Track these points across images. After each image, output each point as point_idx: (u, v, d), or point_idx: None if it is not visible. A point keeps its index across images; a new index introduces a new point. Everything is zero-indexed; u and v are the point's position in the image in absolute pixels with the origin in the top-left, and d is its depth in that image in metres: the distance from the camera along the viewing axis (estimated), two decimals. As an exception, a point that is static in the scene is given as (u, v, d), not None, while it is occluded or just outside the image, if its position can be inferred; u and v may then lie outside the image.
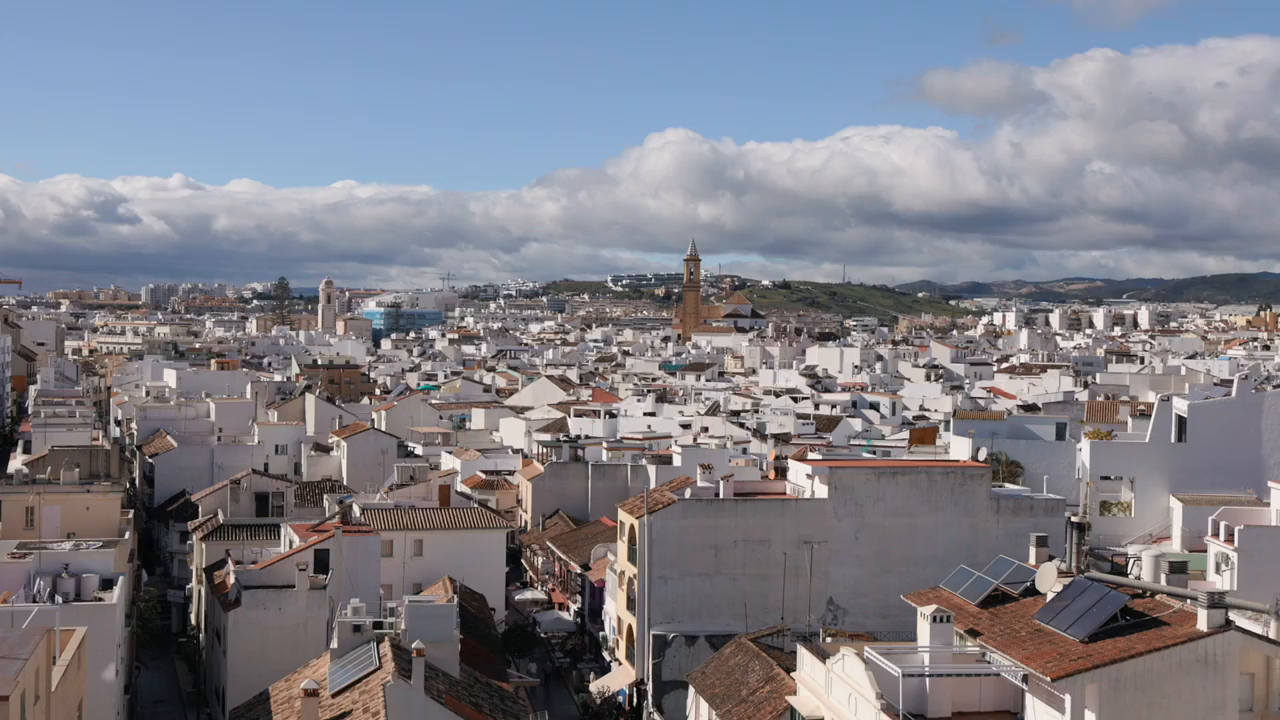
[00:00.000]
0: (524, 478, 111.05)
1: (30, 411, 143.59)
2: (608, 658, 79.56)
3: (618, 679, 74.43)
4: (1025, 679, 38.54)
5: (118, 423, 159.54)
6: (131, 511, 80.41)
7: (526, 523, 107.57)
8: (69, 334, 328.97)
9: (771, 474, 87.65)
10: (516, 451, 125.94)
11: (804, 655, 47.45)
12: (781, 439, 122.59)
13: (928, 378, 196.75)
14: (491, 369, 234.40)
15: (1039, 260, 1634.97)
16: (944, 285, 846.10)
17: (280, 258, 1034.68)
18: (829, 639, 51.12)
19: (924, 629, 42.89)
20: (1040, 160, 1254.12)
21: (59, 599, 54.01)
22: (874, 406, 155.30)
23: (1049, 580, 43.69)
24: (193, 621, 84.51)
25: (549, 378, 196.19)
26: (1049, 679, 36.46)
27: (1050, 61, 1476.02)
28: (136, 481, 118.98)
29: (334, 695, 44.96)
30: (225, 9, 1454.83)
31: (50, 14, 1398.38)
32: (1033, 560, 48.93)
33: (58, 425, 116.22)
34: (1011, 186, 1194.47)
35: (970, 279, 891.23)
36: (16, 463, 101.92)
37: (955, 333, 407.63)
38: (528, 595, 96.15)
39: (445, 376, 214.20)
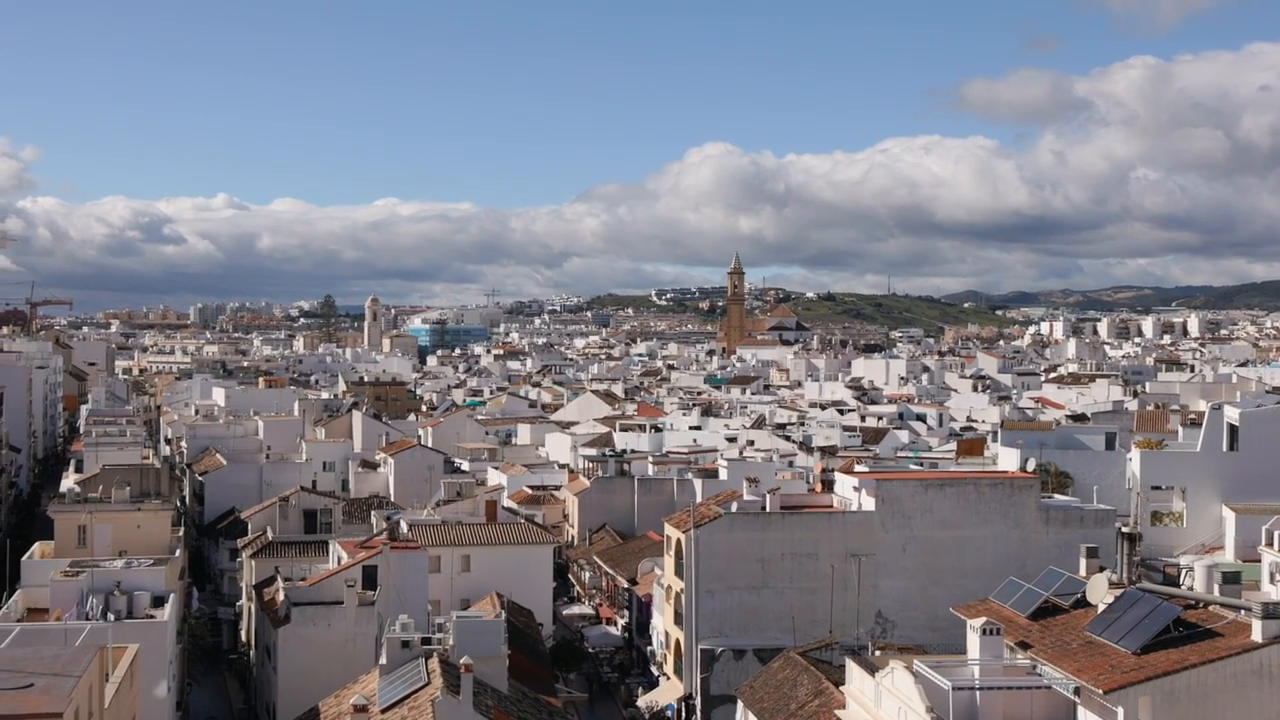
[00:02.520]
0: (570, 492, 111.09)
1: (82, 431, 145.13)
2: (655, 672, 79.41)
3: (666, 694, 74.25)
4: (1077, 692, 38.17)
5: (168, 441, 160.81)
6: (182, 529, 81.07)
7: (573, 537, 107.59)
8: (119, 354, 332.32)
9: (818, 487, 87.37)
10: (562, 466, 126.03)
11: (853, 669, 47.17)
12: (828, 451, 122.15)
13: (975, 388, 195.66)
14: (537, 384, 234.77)
15: (1085, 269, 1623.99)
16: (990, 295, 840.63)
17: (324, 276, 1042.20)
18: (878, 652, 50.77)
19: (974, 642, 42.55)
20: (1083, 168, 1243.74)
21: (111, 616, 54.42)
22: (921, 418, 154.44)
23: (1100, 592, 43.28)
24: (243, 638, 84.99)
25: (594, 392, 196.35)
26: (1101, 691, 36.10)
27: (1090, 69, 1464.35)
28: (186, 499, 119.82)
29: (383, 711, 45.07)
30: (268, 29, 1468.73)
31: (94, 38, 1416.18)
32: (1083, 572, 48.49)
33: (109, 444, 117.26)
34: (1055, 195, 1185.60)
35: (1016, 288, 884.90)
36: (69, 481, 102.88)
37: (1002, 343, 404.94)
38: (575, 610, 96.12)
39: (491, 392, 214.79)
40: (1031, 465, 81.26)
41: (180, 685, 67.35)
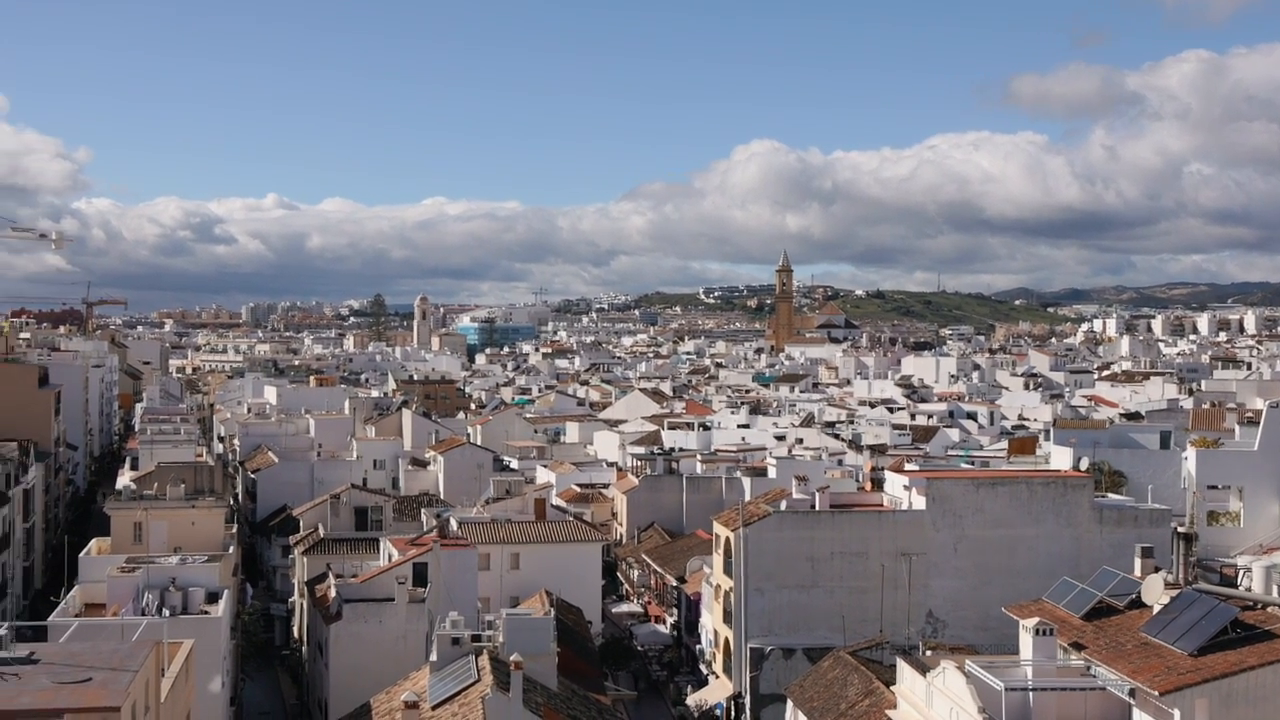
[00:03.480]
0: (619, 490, 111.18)
1: (137, 429, 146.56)
2: (705, 671, 79.37)
3: (715, 692, 74.20)
4: (1132, 693, 37.83)
5: (221, 439, 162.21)
6: (235, 526, 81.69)
7: (622, 535, 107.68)
8: (173, 353, 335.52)
9: (868, 485, 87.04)
10: (611, 464, 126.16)
11: (903, 668, 46.97)
12: (877, 450, 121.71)
13: (1026, 386, 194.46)
14: (585, 382, 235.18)
15: (1138, 265, 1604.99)
16: (1041, 292, 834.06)
17: (373, 275, 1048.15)
18: (928, 652, 50.52)
19: (1026, 642, 42.25)
20: (1135, 163, 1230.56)
21: (167, 612, 54.92)
22: (971, 416, 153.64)
23: (1155, 592, 42.87)
24: (295, 634, 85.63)
25: (642, 390, 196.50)
26: (1157, 693, 35.77)
27: (1142, 63, 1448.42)
28: (239, 496, 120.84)
29: (434, 708, 45.28)
30: (317, 28, 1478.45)
31: (146, 39, 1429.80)
32: (1138, 572, 48.08)
33: (163, 442, 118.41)
34: (1107, 190, 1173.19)
35: (1068, 285, 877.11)
36: (125, 479, 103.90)
37: (1054, 340, 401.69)
38: (624, 608, 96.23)
39: (539, 390, 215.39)
40: (1085, 464, 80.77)
41: (234, 680, 67.93)
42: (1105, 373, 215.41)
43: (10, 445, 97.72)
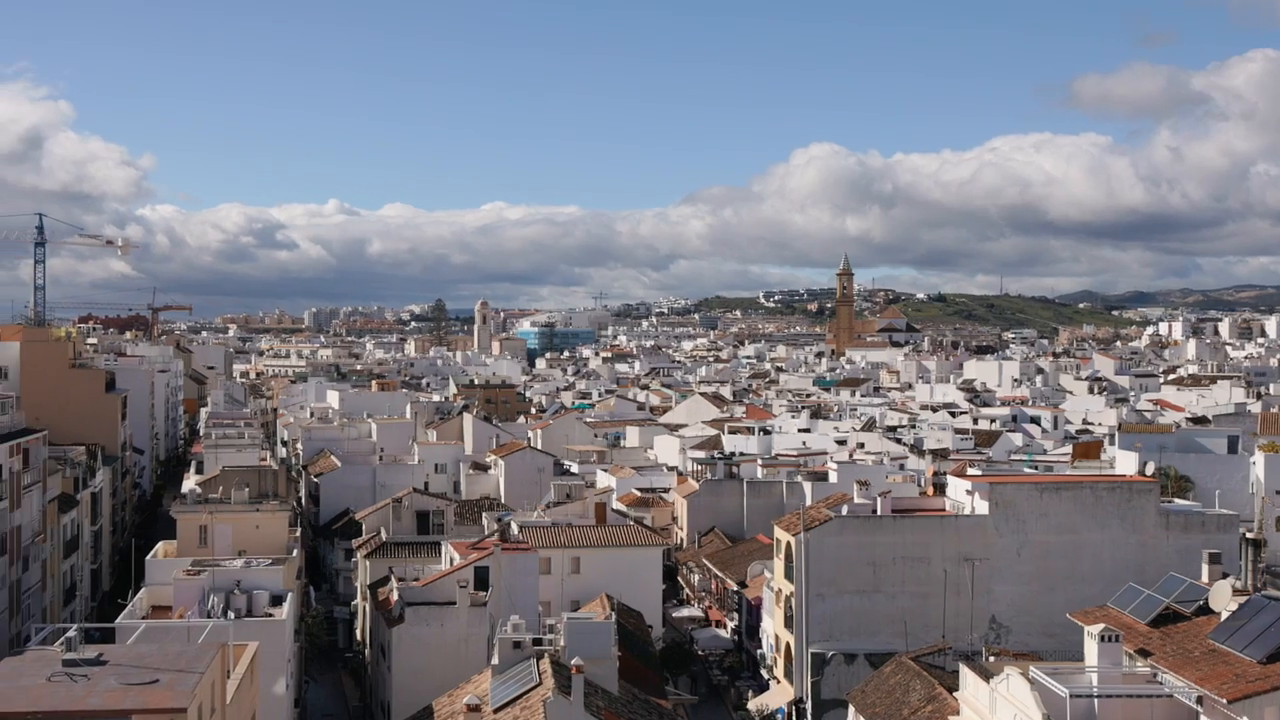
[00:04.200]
0: (679, 495, 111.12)
1: (202, 433, 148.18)
2: (766, 675, 79.15)
3: (776, 697, 73.99)
4: (1200, 701, 37.36)
5: (284, 443, 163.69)
6: (299, 530, 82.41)
7: (682, 540, 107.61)
8: (237, 357, 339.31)
9: (930, 490, 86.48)
10: (671, 469, 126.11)
11: (967, 674, 46.60)
12: (939, 454, 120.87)
13: (1091, 390, 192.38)
14: (645, 387, 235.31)
15: (1204, 268, 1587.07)
16: (1105, 295, 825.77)
17: (433, 280, 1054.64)
18: (992, 658, 50.10)
19: (1091, 648, 41.81)
20: (1201, 164, 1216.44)
21: (232, 614, 55.46)
22: (1035, 421, 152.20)
23: (1223, 598, 42.31)
24: (358, 637, 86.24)
25: (702, 395, 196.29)
26: (1225, 701, 35.30)
27: (1207, 63, 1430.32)
28: (302, 500, 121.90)
29: (495, 711, 45.46)
30: (379, 35, 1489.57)
31: (211, 46, 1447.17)
32: (1205, 578, 47.47)
33: (228, 446, 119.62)
34: (1172, 192, 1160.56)
35: (1133, 288, 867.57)
36: (190, 482, 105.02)
37: (1119, 344, 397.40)
38: (684, 612, 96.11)
39: (599, 395, 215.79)
40: (1150, 469, 79.79)
41: (298, 683, 68.52)
42: (1171, 376, 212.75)
43: (78, 449, 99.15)
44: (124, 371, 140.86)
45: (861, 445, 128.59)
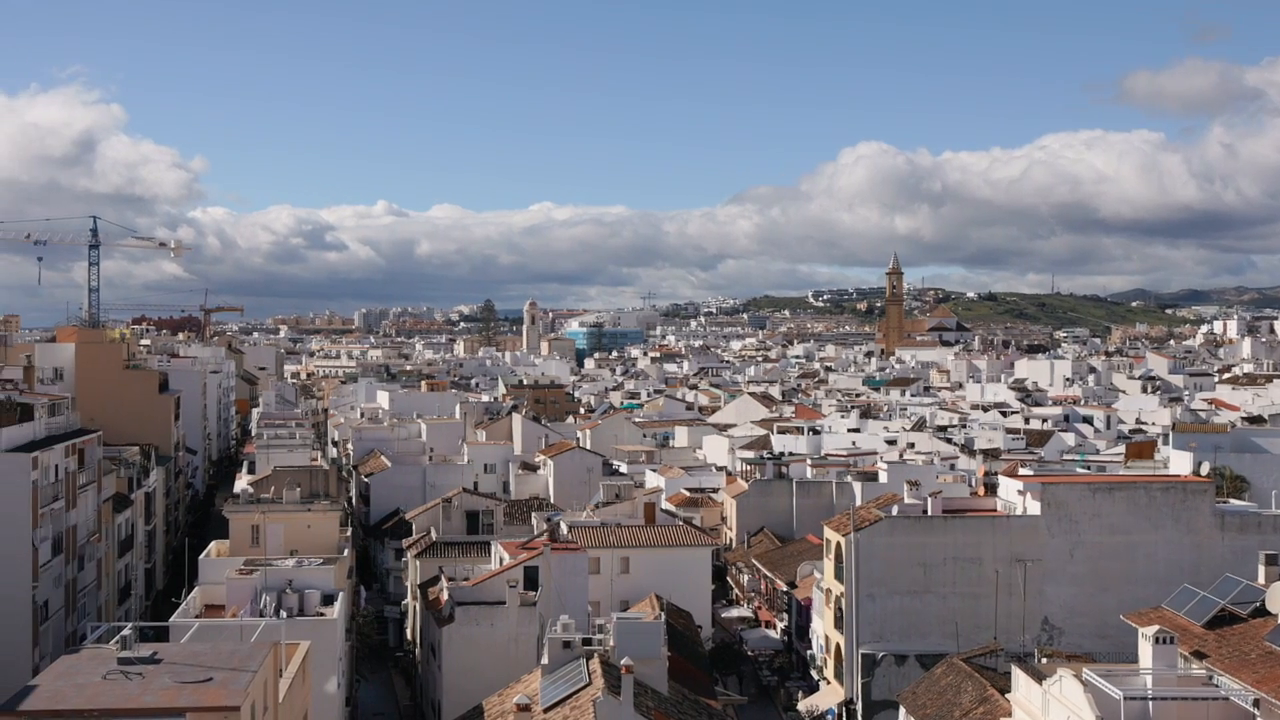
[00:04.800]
0: (728, 495, 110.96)
1: (254, 433, 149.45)
2: (815, 676, 78.90)
3: (826, 698, 73.74)
4: (1256, 704, 36.89)
5: (334, 443, 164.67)
6: (349, 529, 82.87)
7: (731, 540, 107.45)
8: (288, 358, 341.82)
9: (981, 490, 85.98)
10: (720, 469, 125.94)
11: (1019, 676, 46.25)
12: (990, 454, 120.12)
13: (1144, 390, 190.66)
14: (694, 386, 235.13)
15: (1259, 265, 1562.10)
16: (1159, 293, 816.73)
17: (481, 280, 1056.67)
18: (1044, 660, 49.68)
19: (1146, 650, 41.38)
20: (1255, 160, 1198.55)
21: (284, 614, 55.88)
22: (1087, 420, 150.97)
23: (1280, 600, 41.78)
24: (409, 636, 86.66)
25: (751, 395, 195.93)
26: (1282, 704, 34.84)
27: (1261, 58, 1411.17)
28: (353, 500, 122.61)
29: (545, 710, 45.54)
30: (426, 35, 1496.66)
31: (260, 49, 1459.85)
32: (1262, 579, 46.87)
33: (279, 446, 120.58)
34: (1225, 189, 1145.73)
35: (1186, 286, 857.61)
36: (242, 482, 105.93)
37: (1172, 342, 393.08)
38: (734, 613, 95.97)
39: (648, 395, 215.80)
40: (1205, 469, 78.95)
41: (349, 681, 68.92)
42: (1226, 375, 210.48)
43: (132, 450, 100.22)
44: (177, 372, 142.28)
45: (912, 445, 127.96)
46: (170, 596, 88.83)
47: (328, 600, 60.12)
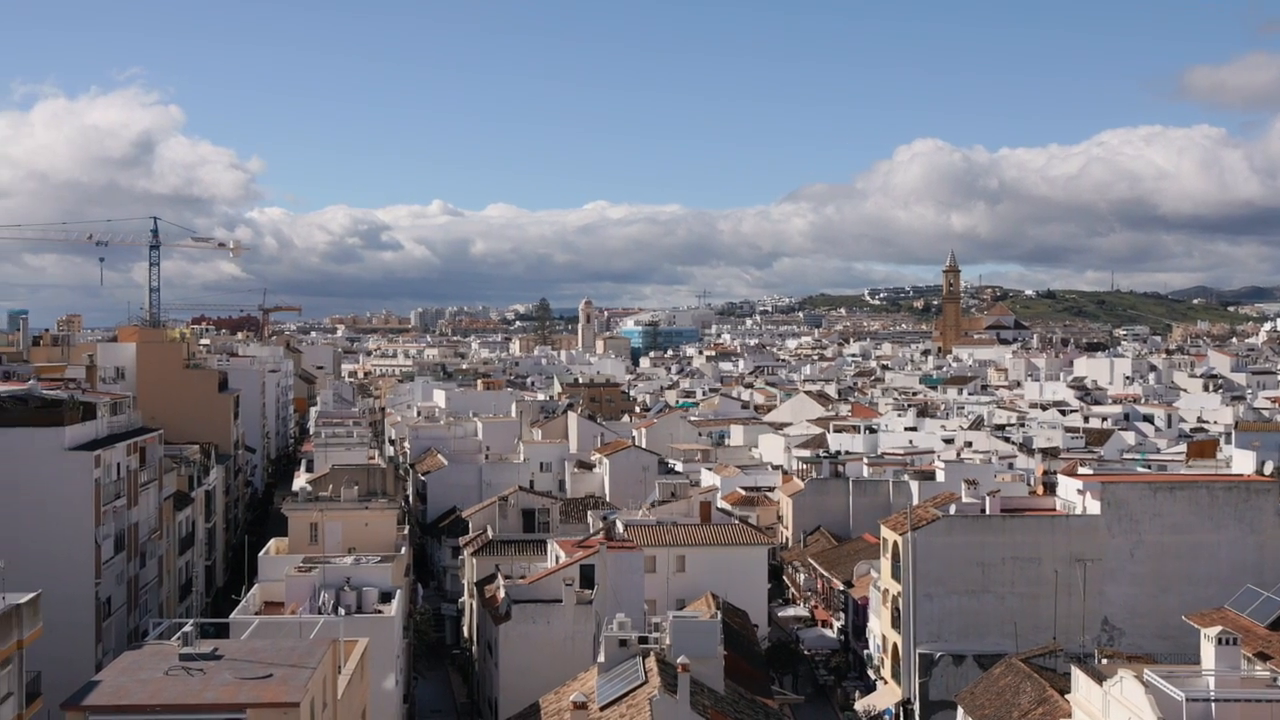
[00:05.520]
0: (784, 494, 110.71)
1: (312, 432, 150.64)
2: (873, 676, 78.57)
3: (884, 698, 73.43)
4: (1322, 706, 36.38)
5: (391, 442, 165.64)
6: (406, 527, 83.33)
7: (787, 539, 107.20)
8: (345, 357, 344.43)
9: (1039, 489, 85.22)
10: (776, 468, 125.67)
11: (1079, 677, 45.85)
12: (1049, 453, 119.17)
13: (1206, 388, 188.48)
14: (749, 385, 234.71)
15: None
16: (1221, 290, 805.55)
17: (536, 279, 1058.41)
18: (1105, 660, 49.21)
19: (1208, 651, 40.91)
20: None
21: (342, 611, 56.28)
22: (1148, 419, 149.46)
23: (1346, 601, 41.15)
24: (465, 634, 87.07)
25: (807, 393, 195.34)
26: (1349, 706, 34.33)
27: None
28: (410, 498, 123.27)
29: (602, 708, 45.56)
30: (479, 34, 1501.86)
31: (315, 50, 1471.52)
32: (1327, 580, 46.18)
33: (337, 445, 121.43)
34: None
35: (1249, 283, 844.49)
36: (301, 480, 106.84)
37: (1235, 340, 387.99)
38: (790, 612, 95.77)
39: (704, 393, 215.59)
40: (1269, 468, 77.99)
41: (407, 679, 69.31)
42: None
43: (193, 448, 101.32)
44: (236, 371, 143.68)
45: (969, 444, 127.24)
46: (230, 593, 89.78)
47: (385, 598, 60.45)
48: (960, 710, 56.68)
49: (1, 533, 61.58)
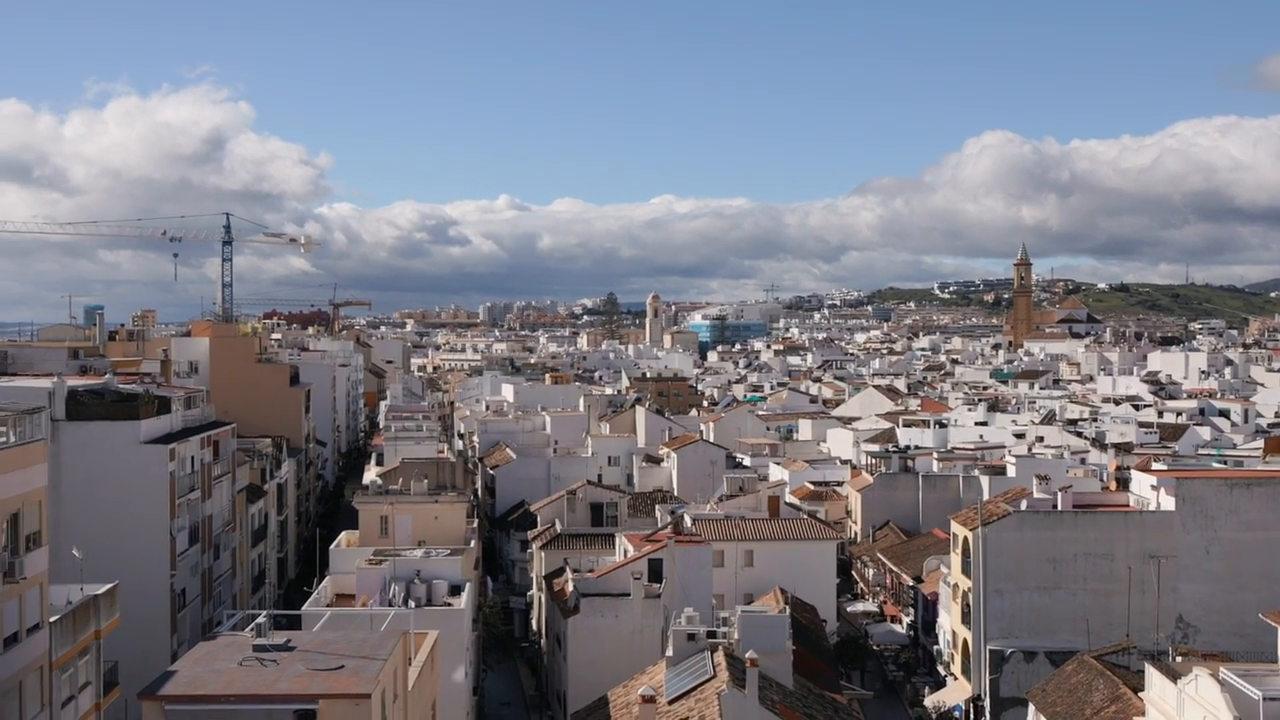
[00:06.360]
0: (853, 488, 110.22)
1: (382, 426, 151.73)
2: (942, 672, 78.08)
3: (953, 694, 72.95)
4: (1405, 706, 35.68)
5: (460, 436, 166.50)
6: (476, 521, 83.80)
7: (856, 534, 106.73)
8: (414, 352, 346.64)
9: (1112, 485, 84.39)
10: (844, 462, 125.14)
11: (1153, 675, 45.29)
12: (1122, 449, 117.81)
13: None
14: (817, 379, 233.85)
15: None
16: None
17: (603, 274, 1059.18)
18: (1179, 658, 48.61)
19: (1287, 650, 40.27)
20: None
21: (412, 603, 56.66)
22: (1224, 414, 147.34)
23: None
24: (534, 627, 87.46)
25: (876, 387, 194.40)
26: None
27: None
28: (479, 492, 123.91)
29: (670, 702, 45.61)
30: (546, 29, 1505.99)
31: (383, 45, 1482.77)
32: None
33: (407, 438, 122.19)
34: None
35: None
36: (371, 474, 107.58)
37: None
38: (859, 607, 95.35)
39: (771, 388, 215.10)
40: (1349, 464, 76.52)
41: (476, 671, 69.78)
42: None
43: (265, 441, 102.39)
44: (307, 366, 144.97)
45: (1041, 439, 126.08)
46: (302, 585, 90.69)
47: (455, 590, 60.83)
48: (1031, 707, 56.18)
49: (79, 525, 62.58)
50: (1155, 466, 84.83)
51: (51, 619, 46.17)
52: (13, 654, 43.03)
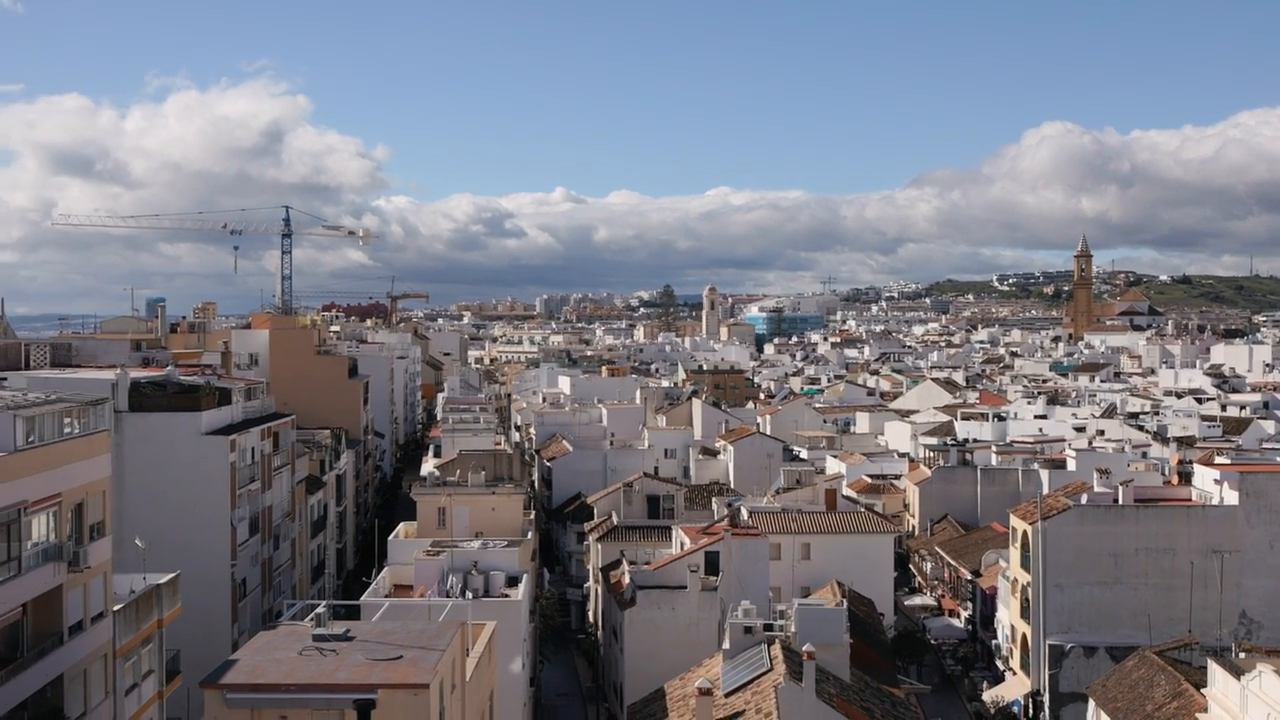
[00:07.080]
0: (910, 482, 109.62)
1: (439, 417, 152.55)
2: (1001, 667, 77.55)
3: (1012, 689, 72.43)
4: None
5: (517, 428, 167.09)
6: (532, 512, 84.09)
7: (914, 527, 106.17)
8: (471, 344, 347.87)
9: (1174, 479, 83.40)
10: (902, 455, 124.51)
11: (1215, 671, 44.76)
12: (1185, 442, 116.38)
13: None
14: (875, 372, 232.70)
15: None
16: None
17: (659, 266, 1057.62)
18: (1242, 654, 47.96)
19: (1354, 647, 39.66)
20: None
21: (470, 594, 56.94)
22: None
23: None
24: (590, 619, 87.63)
25: (934, 380, 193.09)
26: None
27: None
28: (536, 484, 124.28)
29: (727, 695, 45.59)
30: (604, 22, 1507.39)
31: (437, 39, 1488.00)
32: None
33: (464, 430, 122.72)
34: None
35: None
36: (429, 465, 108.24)
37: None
38: (916, 601, 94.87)
39: (828, 380, 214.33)
40: None
41: (533, 662, 69.98)
42: None
43: (324, 433, 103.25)
44: (365, 358, 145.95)
45: (1101, 432, 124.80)
46: (360, 576, 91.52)
47: (512, 582, 61.02)
48: (1091, 703, 55.71)
49: (142, 515, 63.42)
50: (1218, 460, 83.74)
51: (115, 608, 46.83)
52: (77, 642, 43.67)
